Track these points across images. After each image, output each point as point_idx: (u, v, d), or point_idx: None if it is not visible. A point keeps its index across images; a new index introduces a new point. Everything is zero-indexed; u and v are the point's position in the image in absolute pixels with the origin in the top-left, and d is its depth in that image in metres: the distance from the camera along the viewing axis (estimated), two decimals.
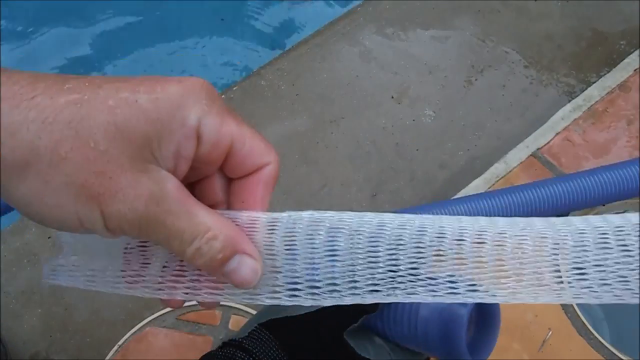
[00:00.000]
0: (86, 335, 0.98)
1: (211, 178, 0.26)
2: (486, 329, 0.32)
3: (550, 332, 0.88)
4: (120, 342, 0.94)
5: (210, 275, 0.25)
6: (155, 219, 0.22)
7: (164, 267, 0.26)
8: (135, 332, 0.94)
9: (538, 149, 1.06)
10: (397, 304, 0.32)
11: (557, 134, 1.08)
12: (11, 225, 1.11)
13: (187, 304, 0.97)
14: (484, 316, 0.32)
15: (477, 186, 1.03)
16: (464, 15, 1.35)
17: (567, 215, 0.99)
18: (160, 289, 0.26)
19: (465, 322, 0.30)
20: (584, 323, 0.89)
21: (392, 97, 1.23)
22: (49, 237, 1.08)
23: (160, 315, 0.97)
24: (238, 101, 1.23)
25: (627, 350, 0.93)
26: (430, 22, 1.34)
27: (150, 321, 0.96)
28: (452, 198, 1.00)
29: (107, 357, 0.92)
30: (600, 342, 0.87)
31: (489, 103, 1.21)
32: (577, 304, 0.91)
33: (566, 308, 0.90)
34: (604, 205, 1.02)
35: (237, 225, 0.25)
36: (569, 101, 1.15)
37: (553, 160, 1.05)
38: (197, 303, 0.28)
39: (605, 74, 1.18)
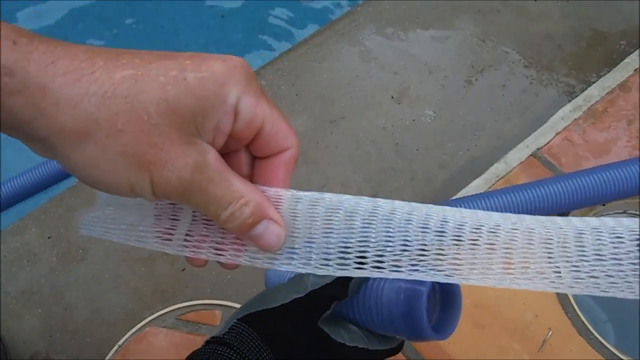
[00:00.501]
0: (86, 335, 0.98)
1: (238, 154, 0.28)
2: (449, 309, 0.34)
3: (550, 332, 0.88)
4: (120, 342, 0.94)
5: (239, 238, 0.28)
6: (199, 186, 0.24)
7: (191, 228, 0.29)
8: (135, 332, 0.95)
9: (538, 149, 1.06)
10: (364, 291, 0.33)
11: (557, 134, 1.08)
12: (11, 225, 1.11)
13: (187, 304, 0.97)
14: (447, 297, 0.34)
15: (477, 186, 1.03)
16: (464, 15, 1.35)
17: (567, 214, 0.99)
18: (186, 247, 0.29)
19: (425, 298, 0.31)
20: (584, 323, 0.89)
21: (392, 97, 1.23)
22: (49, 237, 1.09)
23: (160, 315, 0.97)
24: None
25: (631, 352, 0.93)
26: (430, 22, 1.34)
27: (150, 321, 0.96)
28: (455, 197, 1.00)
29: (107, 357, 0.92)
30: (600, 342, 0.87)
31: (489, 103, 1.21)
32: (578, 305, 0.91)
33: (566, 308, 0.90)
34: (604, 205, 1.02)
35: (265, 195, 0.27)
36: (569, 101, 1.15)
37: (553, 160, 1.05)
38: (218, 263, 0.30)
39: (605, 74, 1.18)
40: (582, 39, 1.29)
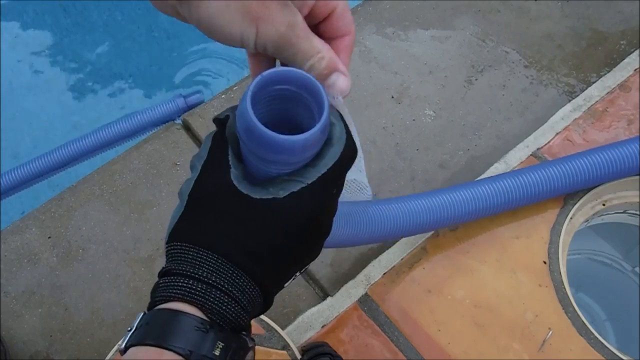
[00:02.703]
0: (86, 335, 0.98)
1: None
2: (314, 107, 0.31)
3: (551, 332, 0.88)
4: (120, 342, 0.94)
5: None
6: (289, 40, 0.30)
7: None
8: None
9: (538, 148, 1.06)
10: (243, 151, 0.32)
11: (557, 133, 1.08)
12: (11, 225, 1.11)
13: None
14: (311, 97, 0.31)
15: None
16: (464, 15, 1.35)
17: (574, 204, 0.98)
18: None
19: (249, 99, 0.29)
20: (584, 323, 0.89)
21: (392, 97, 1.22)
22: (49, 237, 1.09)
23: None
24: (238, 101, 1.23)
25: (629, 351, 0.93)
26: (430, 22, 1.34)
27: None
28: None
29: (107, 357, 0.92)
30: (600, 342, 0.87)
31: (489, 103, 1.21)
32: (577, 304, 0.91)
33: (566, 308, 0.90)
34: (604, 205, 1.02)
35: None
36: (569, 101, 1.15)
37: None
38: None
39: (605, 74, 1.18)
40: (582, 39, 1.29)
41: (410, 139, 1.16)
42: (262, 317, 0.90)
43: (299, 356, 0.86)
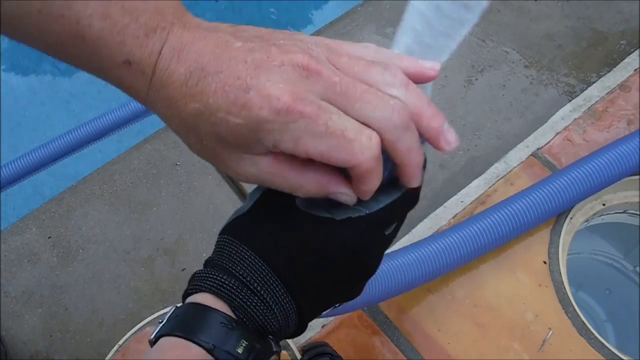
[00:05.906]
0: (86, 335, 0.98)
1: None
2: None
3: (551, 332, 0.88)
4: (120, 342, 0.94)
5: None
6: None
7: None
8: (135, 332, 0.95)
9: (538, 148, 1.06)
10: None
11: (557, 133, 1.08)
12: (11, 225, 1.11)
13: None
14: None
15: (477, 186, 1.03)
16: None
17: (571, 208, 0.98)
18: None
19: None
20: (584, 323, 0.89)
21: None
22: (49, 237, 1.09)
23: (160, 315, 0.97)
24: None
25: (629, 351, 0.93)
26: None
27: (150, 321, 0.96)
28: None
29: (107, 357, 0.92)
30: (600, 342, 0.87)
31: (489, 103, 1.21)
32: (578, 304, 0.91)
33: (566, 308, 0.90)
34: (604, 205, 1.02)
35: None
36: (569, 101, 1.15)
37: (553, 160, 1.05)
38: None
39: (605, 74, 1.18)
40: (582, 39, 1.29)
41: None
42: None
43: (299, 356, 0.86)
